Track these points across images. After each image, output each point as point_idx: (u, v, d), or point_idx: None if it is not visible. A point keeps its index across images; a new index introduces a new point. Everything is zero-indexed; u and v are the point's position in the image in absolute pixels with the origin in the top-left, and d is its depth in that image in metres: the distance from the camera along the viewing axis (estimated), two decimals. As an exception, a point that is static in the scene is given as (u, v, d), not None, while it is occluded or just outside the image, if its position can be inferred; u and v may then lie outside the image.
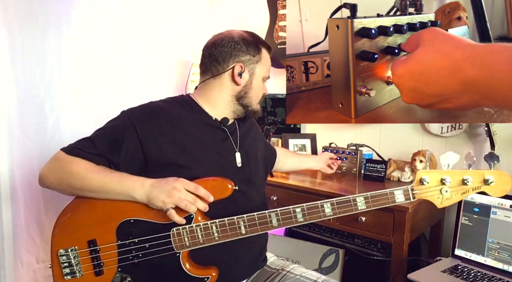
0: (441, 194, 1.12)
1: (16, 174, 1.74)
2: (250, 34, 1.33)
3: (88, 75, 1.97)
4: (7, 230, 1.72)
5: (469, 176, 1.10)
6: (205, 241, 1.12)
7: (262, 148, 1.50)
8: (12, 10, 1.67)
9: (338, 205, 1.13)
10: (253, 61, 1.29)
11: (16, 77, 1.70)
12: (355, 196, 1.12)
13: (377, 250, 1.86)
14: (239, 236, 1.13)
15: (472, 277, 1.49)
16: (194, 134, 1.22)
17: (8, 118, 1.69)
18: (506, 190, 1.11)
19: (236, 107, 1.30)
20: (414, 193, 1.13)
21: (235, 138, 1.32)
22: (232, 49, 1.26)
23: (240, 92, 1.29)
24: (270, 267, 1.35)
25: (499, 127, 1.78)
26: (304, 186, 1.88)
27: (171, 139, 1.19)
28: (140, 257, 1.13)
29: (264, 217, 1.12)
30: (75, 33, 1.91)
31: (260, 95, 1.35)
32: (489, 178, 1.09)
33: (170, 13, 2.35)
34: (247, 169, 1.30)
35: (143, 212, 1.14)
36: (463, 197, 1.13)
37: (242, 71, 1.27)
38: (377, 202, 1.13)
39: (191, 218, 1.13)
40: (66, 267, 1.14)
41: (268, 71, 1.36)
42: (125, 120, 1.20)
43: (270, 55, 1.36)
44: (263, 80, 1.34)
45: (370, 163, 1.98)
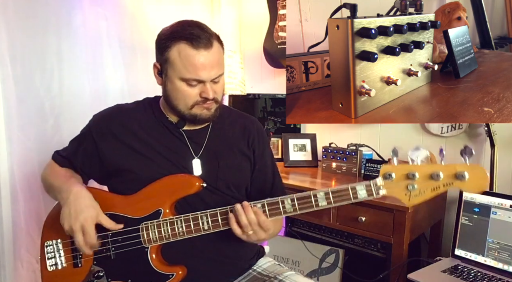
0: (408, 190, 1.03)
1: (16, 174, 1.73)
2: (173, 26, 1.15)
3: (88, 75, 1.97)
4: (7, 230, 1.72)
5: (438, 170, 1.00)
6: (171, 236, 1.14)
7: (246, 166, 1.29)
8: (12, 10, 1.67)
9: (298, 200, 1.08)
10: (162, 61, 1.14)
11: (16, 77, 1.70)
12: (316, 191, 1.07)
13: (377, 250, 1.85)
14: (202, 231, 1.13)
15: (472, 277, 1.49)
16: (146, 138, 1.22)
17: (8, 118, 1.69)
18: (483, 185, 1.01)
19: (172, 110, 1.20)
20: (378, 189, 1.05)
21: (197, 144, 1.23)
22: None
23: (164, 94, 1.20)
24: (262, 274, 1.29)
25: (499, 127, 1.78)
26: (304, 186, 1.88)
27: (122, 142, 1.22)
28: (113, 251, 1.16)
29: (226, 213, 1.11)
30: (75, 33, 1.91)
31: (186, 98, 1.14)
32: (462, 173, 0.98)
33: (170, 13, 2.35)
34: (207, 177, 1.19)
35: (119, 206, 1.18)
36: (433, 193, 1.02)
37: (159, 71, 1.18)
38: (338, 198, 1.06)
39: (159, 213, 1.15)
40: (51, 258, 1.21)
41: (191, 72, 1.10)
42: (87, 124, 1.29)
43: (199, 48, 1.09)
44: (185, 82, 1.12)
45: (370, 163, 1.98)
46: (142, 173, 1.19)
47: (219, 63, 1.16)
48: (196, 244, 1.17)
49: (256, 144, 1.31)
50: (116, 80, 2.08)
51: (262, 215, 1.09)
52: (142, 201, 1.17)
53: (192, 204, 1.19)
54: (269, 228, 1.11)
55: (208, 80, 1.13)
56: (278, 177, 1.38)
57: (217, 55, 1.15)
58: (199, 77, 1.12)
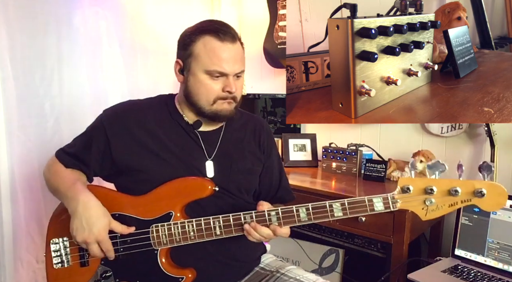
0: (426, 205, 1.01)
1: (16, 174, 1.73)
2: (198, 23, 1.18)
3: (88, 75, 1.97)
4: (7, 230, 1.72)
5: (457, 186, 0.98)
6: (181, 240, 1.12)
7: (256, 168, 1.30)
8: (12, 10, 1.67)
9: (313, 210, 1.07)
10: (186, 56, 1.16)
11: (16, 77, 1.70)
12: (332, 201, 1.06)
13: (377, 250, 1.85)
14: (214, 236, 1.11)
15: (472, 277, 1.49)
16: (162, 138, 1.19)
17: (8, 118, 1.69)
18: (501, 204, 0.99)
19: (191, 107, 1.20)
20: (395, 202, 1.03)
21: (210, 146, 1.23)
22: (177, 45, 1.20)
23: (185, 91, 1.19)
24: (265, 269, 1.31)
25: (499, 127, 1.78)
26: (304, 186, 1.88)
27: (137, 139, 1.19)
28: (121, 251, 1.15)
29: (239, 218, 1.10)
30: (75, 33, 1.91)
31: (209, 92, 1.15)
32: (481, 190, 0.97)
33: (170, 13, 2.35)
34: (219, 179, 1.19)
35: (129, 207, 1.16)
36: (450, 209, 1.01)
37: (181, 68, 1.19)
38: (354, 210, 1.05)
39: (170, 216, 1.14)
40: (57, 256, 1.18)
41: (215, 64, 1.12)
42: (98, 119, 1.24)
43: (225, 41, 1.13)
44: (209, 74, 1.14)
45: (370, 163, 1.98)
46: (155, 174, 1.16)
47: (242, 59, 1.18)
48: (205, 246, 1.15)
49: (266, 145, 1.32)
50: (116, 80, 2.08)
51: (279, 229, 1.08)
52: (152, 202, 1.15)
53: (203, 205, 1.17)
54: (286, 232, 1.11)
55: (232, 74, 1.14)
56: (284, 177, 1.39)
57: (241, 51, 1.18)
58: (223, 70, 1.13)
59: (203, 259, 1.18)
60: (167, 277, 1.14)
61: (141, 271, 1.15)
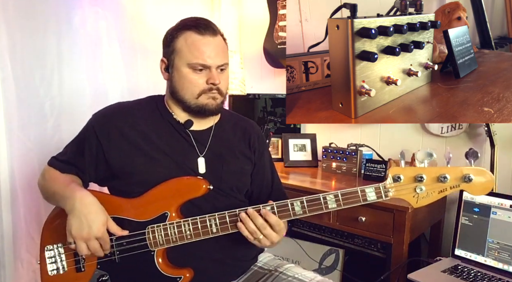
0: (416, 192, 1.05)
1: (16, 174, 1.73)
2: (179, 22, 1.20)
3: (88, 75, 1.97)
4: (7, 230, 1.72)
5: (446, 173, 1.03)
6: (178, 239, 1.12)
7: (247, 166, 1.31)
8: (12, 10, 1.67)
9: (308, 203, 1.09)
10: (169, 53, 1.18)
11: (16, 77, 1.70)
12: (326, 194, 1.08)
13: (377, 250, 1.86)
14: (210, 234, 1.12)
15: (472, 277, 1.49)
16: (153, 138, 1.20)
17: (8, 118, 1.69)
18: (488, 188, 1.05)
19: (178, 104, 1.21)
20: (387, 191, 1.07)
21: (201, 144, 1.23)
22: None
23: (171, 87, 1.21)
24: (263, 268, 1.31)
25: (499, 127, 1.78)
26: (304, 186, 1.88)
27: (128, 141, 1.19)
28: (117, 254, 1.14)
29: (235, 215, 1.10)
30: (75, 33, 1.91)
31: (193, 86, 1.16)
32: (468, 175, 1.03)
33: (170, 13, 2.35)
34: (211, 177, 1.20)
35: (124, 210, 1.16)
36: (440, 195, 1.06)
37: (166, 66, 1.21)
38: (347, 201, 1.08)
39: (165, 216, 1.14)
40: (52, 262, 1.17)
41: (197, 57, 1.14)
42: (88, 124, 1.24)
43: (205, 34, 1.14)
44: (192, 68, 1.15)
45: (370, 163, 1.98)
46: (147, 175, 1.17)
47: (224, 52, 1.19)
48: (202, 245, 1.15)
49: (257, 145, 1.33)
50: (116, 80, 2.08)
51: (272, 215, 1.09)
52: (147, 204, 1.15)
53: (198, 205, 1.17)
54: (282, 228, 1.11)
55: (214, 66, 1.16)
56: (277, 178, 1.40)
57: (222, 44, 1.19)
58: (205, 62, 1.14)
59: (200, 259, 1.18)
60: (165, 277, 1.13)
61: (138, 273, 1.15)
